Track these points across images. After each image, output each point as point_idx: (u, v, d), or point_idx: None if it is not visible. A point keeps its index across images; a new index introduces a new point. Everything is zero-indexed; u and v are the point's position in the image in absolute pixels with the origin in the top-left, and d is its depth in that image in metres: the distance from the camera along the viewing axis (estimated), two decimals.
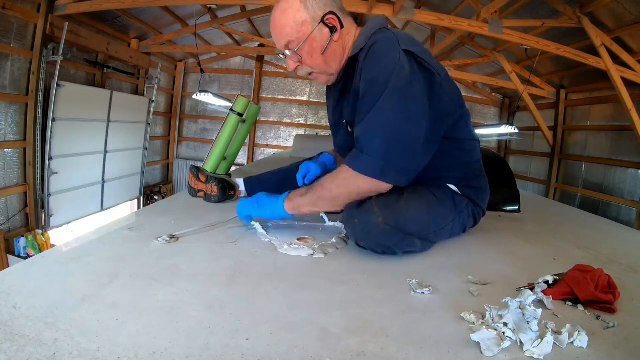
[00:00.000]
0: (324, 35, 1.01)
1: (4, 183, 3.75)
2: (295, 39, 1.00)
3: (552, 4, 3.45)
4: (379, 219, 0.90)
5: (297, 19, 0.98)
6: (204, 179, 1.45)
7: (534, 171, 6.10)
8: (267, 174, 1.50)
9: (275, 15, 1.01)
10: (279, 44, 1.03)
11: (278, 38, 1.02)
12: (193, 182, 1.49)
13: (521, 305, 0.61)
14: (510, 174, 1.92)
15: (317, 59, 1.03)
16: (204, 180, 1.45)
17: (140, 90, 5.90)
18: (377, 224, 0.90)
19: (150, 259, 0.82)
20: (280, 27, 1.00)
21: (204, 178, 1.46)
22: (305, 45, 1.00)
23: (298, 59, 1.04)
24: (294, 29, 0.99)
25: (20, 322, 0.54)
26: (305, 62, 1.04)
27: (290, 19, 0.98)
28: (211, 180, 1.43)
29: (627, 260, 1.09)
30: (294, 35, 1.00)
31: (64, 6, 3.81)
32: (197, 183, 1.47)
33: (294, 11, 0.98)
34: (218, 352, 0.51)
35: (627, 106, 3.66)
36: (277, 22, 1.00)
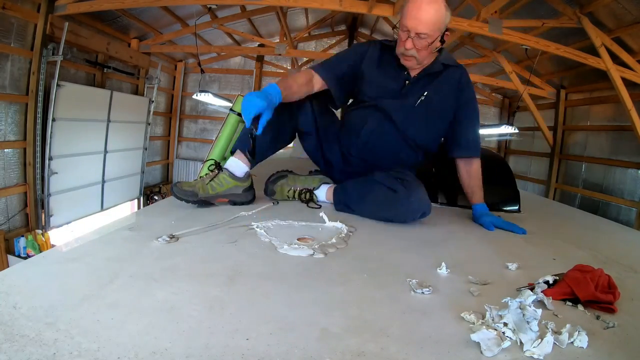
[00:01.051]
0: (438, 42, 1.35)
1: (4, 183, 3.75)
2: (431, 34, 1.29)
3: (552, 4, 3.45)
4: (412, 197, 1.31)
5: (440, 22, 1.29)
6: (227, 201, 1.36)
7: (534, 171, 6.10)
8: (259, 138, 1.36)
9: (430, 9, 1.26)
10: (417, 28, 1.28)
11: (420, 24, 1.27)
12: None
13: (521, 305, 0.61)
14: (510, 174, 1.92)
15: (428, 52, 1.36)
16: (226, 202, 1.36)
17: (140, 90, 5.90)
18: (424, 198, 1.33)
19: (150, 259, 0.82)
20: (430, 20, 1.27)
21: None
22: (430, 40, 1.31)
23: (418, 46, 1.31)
24: (436, 27, 1.29)
25: (20, 322, 0.54)
26: (421, 49, 1.33)
27: (438, 20, 1.28)
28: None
29: (627, 260, 1.09)
30: (432, 31, 1.29)
31: (64, 6, 3.81)
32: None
33: (441, 16, 1.29)
34: (218, 352, 0.51)
35: (627, 106, 3.66)
36: (431, 15, 1.27)
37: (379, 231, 1.21)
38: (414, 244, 1.11)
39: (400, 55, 1.39)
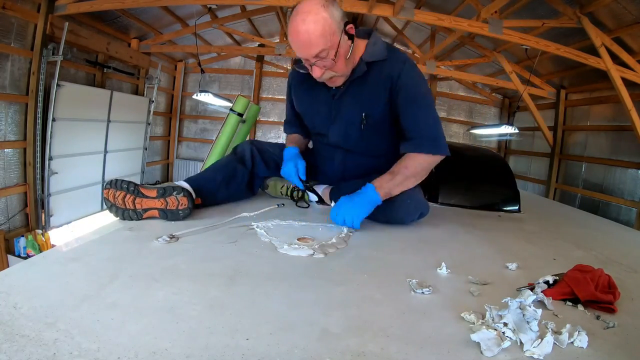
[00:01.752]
0: (347, 43, 1.15)
1: (4, 183, 3.74)
2: (328, 47, 1.10)
3: (552, 4, 3.45)
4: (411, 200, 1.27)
5: (329, 29, 1.08)
6: (155, 193, 1.11)
7: (534, 171, 6.10)
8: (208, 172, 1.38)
9: (307, 27, 1.07)
10: (308, 53, 1.11)
11: (309, 48, 1.10)
12: (130, 202, 1.11)
13: (521, 305, 0.61)
14: (510, 174, 1.92)
15: (342, 64, 1.17)
16: (154, 195, 1.11)
17: (140, 90, 5.89)
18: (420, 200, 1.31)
19: (150, 259, 0.82)
20: (314, 38, 1.07)
21: (155, 192, 1.12)
22: (333, 52, 1.12)
23: (326, 66, 1.15)
24: (327, 38, 1.09)
25: (20, 322, 0.54)
26: (332, 67, 1.16)
27: (325, 30, 1.08)
28: (172, 192, 1.11)
29: (627, 260, 1.09)
30: (327, 44, 1.09)
31: (64, 6, 3.81)
32: (141, 201, 1.11)
33: (325, 22, 1.07)
34: (218, 352, 0.51)
35: (627, 106, 3.66)
36: (311, 32, 1.07)
37: (379, 231, 1.21)
38: (414, 244, 1.11)
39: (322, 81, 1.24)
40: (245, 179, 1.43)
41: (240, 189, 1.44)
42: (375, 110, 1.28)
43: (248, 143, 1.50)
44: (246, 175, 1.43)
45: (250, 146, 1.48)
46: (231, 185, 1.39)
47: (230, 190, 1.39)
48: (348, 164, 1.43)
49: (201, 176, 1.36)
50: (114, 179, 1.12)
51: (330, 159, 1.46)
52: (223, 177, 1.36)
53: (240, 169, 1.42)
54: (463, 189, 1.80)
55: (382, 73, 1.24)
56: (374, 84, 1.25)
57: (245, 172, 1.43)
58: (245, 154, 1.46)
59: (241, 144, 1.51)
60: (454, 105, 7.10)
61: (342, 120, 1.34)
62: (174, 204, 1.11)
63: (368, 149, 1.38)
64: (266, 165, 1.49)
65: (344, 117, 1.33)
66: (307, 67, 1.19)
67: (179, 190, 1.12)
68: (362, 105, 1.29)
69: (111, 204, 1.11)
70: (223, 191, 1.37)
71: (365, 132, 1.32)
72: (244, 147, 1.48)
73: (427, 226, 1.32)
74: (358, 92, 1.28)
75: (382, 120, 1.30)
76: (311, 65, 1.15)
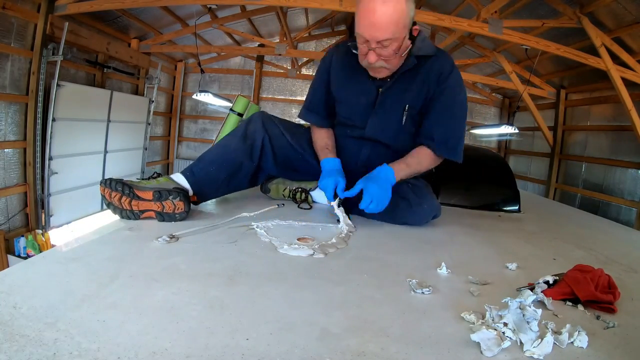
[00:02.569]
0: (408, 42, 1.17)
1: (4, 183, 3.74)
2: (396, 38, 1.10)
3: (552, 4, 3.45)
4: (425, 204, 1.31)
5: (403, 20, 1.08)
6: (151, 196, 1.09)
7: (534, 171, 6.10)
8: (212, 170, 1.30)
9: (386, 10, 1.05)
10: (377, 36, 1.08)
11: (379, 30, 1.07)
12: (126, 203, 1.10)
13: (521, 305, 0.61)
14: (510, 174, 1.92)
15: (396, 58, 1.17)
16: (150, 198, 1.09)
17: (140, 90, 5.89)
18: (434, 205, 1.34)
19: (150, 259, 0.82)
20: (388, 23, 1.06)
21: (150, 194, 1.09)
22: (397, 45, 1.12)
23: (384, 55, 1.13)
24: (399, 29, 1.09)
25: (20, 322, 0.54)
26: (388, 58, 1.15)
27: (401, 19, 1.07)
28: (168, 197, 1.09)
29: (627, 260, 1.09)
30: (397, 34, 1.09)
31: (64, 6, 3.81)
32: (137, 203, 1.10)
33: (402, 13, 1.07)
34: (218, 352, 0.51)
35: (627, 106, 3.66)
36: (388, 16, 1.05)
37: (379, 231, 1.21)
38: (414, 244, 1.11)
39: (367, 68, 1.23)
40: (249, 173, 1.37)
41: (242, 183, 1.38)
42: (418, 101, 1.29)
43: (261, 127, 1.37)
44: (251, 170, 1.36)
45: (263, 134, 1.37)
46: (232, 182, 1.34)
47: (231, 187, 1.36)
48: (373, 158, 1.36)
49: (204, 172, 1.27)
50: (108, 179, 1.11)
51: (355, 152, 1.40)
52: (226, 176, 1.31)
53: (246, 164, 1.34)
54: (463, 189, 1.80)
55: (432, 68, 1.25)
56: (422, 77, 1.26)
57: (250, 167, 1.35)
58: (255, 142, 1.35)
59: (254, 123, 1.38)
60: None
61: (385, 113, 1.32)
62: (170, 207, 1.11)
63: (401, 144, 1.36)
64: (275, 160, 1.40)
65: (387, 110, 1.31)
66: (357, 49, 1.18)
67: (175, 195, 1.10)
68: (407, 97, 1.28)
69: (108, 202, 1.11)
70: (223, 189, 1.35)
71: (404, 126, 1.32)
72: (256, 129, 1.37)
73: (427, 226, 1.32)
74: (405, 85, 1.27)
75: (419, 113, 1.32)
76: (369, 49, 1.13)
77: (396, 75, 1.26)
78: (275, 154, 1.40)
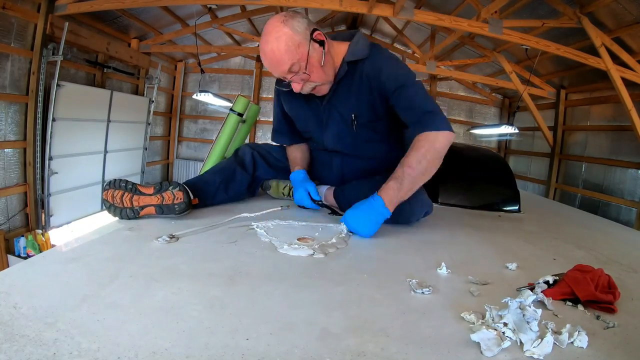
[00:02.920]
0: (318, 50, 1.15)
1: (4, 183, 3.74)
2: (297, 61, 1.10)
3: (552, 4, 3.45)
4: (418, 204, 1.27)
5: (293, 42, 1.09)
6: (152, 190, 1.13)
7: (534, 171, 6.10)
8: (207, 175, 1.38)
9: (271, 46, 1.09)
10: (281, 70, 1.12)
11: (278, 65, 1.11)
12: (128, 200, 1.12)
13: (521, 306, 0.61)
14: (510, 174, 1.92)
15: (318, 72, 1.16)
16: (151, 192, 1.12)
17: (140, 90, 5.89)
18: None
19: (150, 259, 0.82)
20: (280, 55, 1.09)
21: (152, 189, 1.13)
22: (307, 63, 1.12)
23: (302, 79, 1.15)
24: (294, 52, 1.09)
25: (20, 322, 0.54)
26: (309, 78, 1.16)
27: (289, 45, 1.08)
28: (167, 187, 1.13)
29: (627, 260, 1.09)
30: (295, 58, 1.10)
31: (64, 6, 3.81)
32: (138, 199, 1.12)
33: (287, 37, 1.08)
34: (218, 352, 0.51)
35: (627, 106, 3.66)
36: (275, 50, 1.09)
37: (379, 231, 1.21)
38: (414, 244, 1.11)
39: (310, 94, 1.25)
40: (245, 182, 1.44)
41: (240, 192, 1.44)
42: (363, 108, 1.27)
43: (248, 147, 1.49)
44: (246, 179, 1.44)
45: (251, 150, 1.48)
46: (230, 189, 1.39)
47: (230, 193, 1.40)
48: (345, 168, 1.42)
49: (200, 179, 1.36)
50: (112, 179, 1.14)
51: (327, 164, 1.46)
52: (222, 180, 1.36)
53: (239, 171, 1.42)
54: (463, 189, 1.80)
55: (364, 70, 1.22)
56: (358, 82, 1.24)
57: (245, 176, 1.43)
58: (245, 157, 1.46)
59: (242, 148, 1.51)
60: (454, 105, 7.10)
61: (334, 124, 1.33)
62: (170, 198, 1.12)
63: (363, 151, 1.37)
64: (269, 166, 1.49)
65: (335, 121, 1.32)
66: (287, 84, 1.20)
67: (175, 185, 1.13)
68: (350, 105, 1.28)
69: (109, 204, 1.12)
70: (222, 194, 1.37)
71: (358, 133, 1.31)
72: (244, 150, 1.49)
73: (427, 226, 1.32)
74: (344, 93, 1.27)
75: (372, 119, 1.29)
76: (289, 81, 1.16)
77: (333, 87, 1.25)
78: (268, 162, 1.49)
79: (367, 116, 1.28)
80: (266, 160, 1.49)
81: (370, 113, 1.28)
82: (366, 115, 1.28)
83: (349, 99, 1.27)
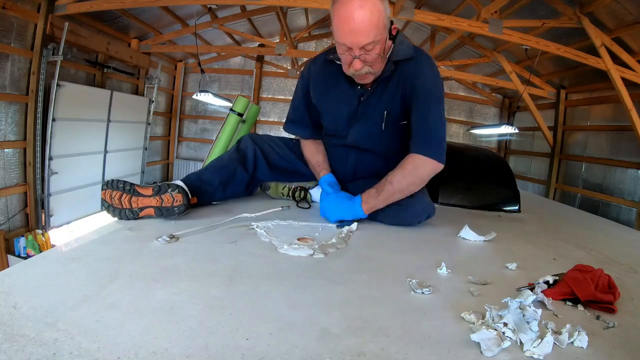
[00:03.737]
0: (389, 43, 1.16)
1: (4, 183, 3.74)
2: (378, 40, 1.08)
3: (552, 4, 3.45)
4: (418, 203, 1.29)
5: (381, 21, 1.06)
6: (151, 192, 1.12)
7: (534, 171, 6.10)
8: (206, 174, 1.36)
9: (364, 14, 1.03)
10: (359, 41, 1.06)
11: (361, 36, 1.05)
12: (126, 201, 1.11)
13: (521, 306, 0.61)
14: (510, 174, 1.92)
15: (380, 61, 1.16)
16: (150, 194, 1.12)
17: (140, 90, 5.89)
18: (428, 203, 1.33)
19: (150, 259, 0.82)
20: (368, 26, 1.04)
21: (150, 190, 1.12)
22: (379, 47, 1.10)
23: (368, 60, 1.11)
24: (380, 31, 1.07)
25: (20, 322, 0.54)
26: (373, 62, 1.13)
27: (379, 21, 1.06)
28: (166, 190, 1.11)
29: (627, 260, 1.09)
30: (378, 36, 1.07)
31: (64, 6, 3.81)
32: (137, 200, 1.11)
33: (380, 14, 1.06)
34: (218, 352, 0.51)
35: (627, 106, 3.66)
36: (367, 20, 1.04)
37: (379, 231, 1.21)
38: (414, 244, 1.11)
39: (353, 76, 1.21)
40: (245, 181, 1.43)
41: (238, 190, 1.44)
42: (396, 106, 1.27)
43: (251, 142, 1.46)
44: (245, 178, 1.42)
45: (254, 146, 1.44)
46: (229, 188, 1.38)
47: (227, 193, 1.39)
48: (360, 164, 1.42)
49: (199, 178, 1.33)
50: (110, 180, 1.13)
51: (342, 160, 1.43)
52: (221, 180, 1.35)
53: (240, 171, 1.40)
54: (463, 189, 1.80)
55: (405, 71, 1.23)
56: (396, 81, 1.24)
57: (245, 175, 1.42)
58: (247, 154, 1.43)
59: (245, 140, 1.47)
60: (454, 105, 7.10)
61: (366, 120, 1.32)
62: (169, 201, 1.11)
63: (384, 148, 1.37)
64: (269, 167, 1.46)
65: (369, 118, 1.31)
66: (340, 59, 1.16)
67: (174, 187, 1.12)
68: (385, 103, 1.28)
69: (108, 204, 1.12)
70: (220, 193, 1.37)
71: (385, 132, 1.31)
72: (246, 144, 1.45)
73: (427, 226, 1.32)
74: (383, 91, 1.27)
75: (399, 119, 1.30)
76: (353, 57, 1.10)
77: (375, 83, 1.25)
78: (268, 162, 1.46)
79: (397, 115, 1.29)
80: (267, 160, 1.46)
81: (401, 112, 1.28)
82: (397, 113, 1.29)
83: (386, 96, 1.27)
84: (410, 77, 1.22)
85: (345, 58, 1.13)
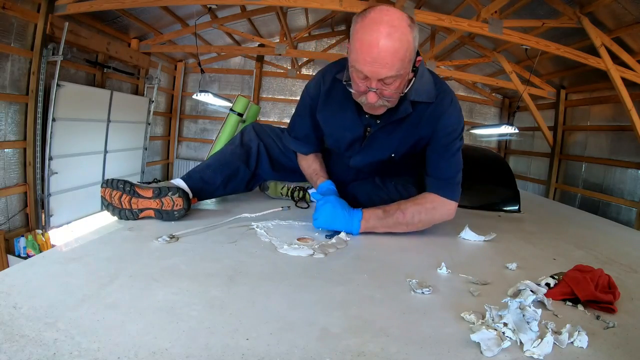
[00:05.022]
0: (410, 75, 1.04)
1: (4, 183, 3.74)
2: (400, 75, 0.95)
3: (552, 4, 3.45)
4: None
5: (409, 55, 0.94)
6: (151, 194, 1.10)
7: (534, 171, 6.10)
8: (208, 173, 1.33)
9: (392, 45, 0.90)
10: (380, 74, 0.94)
11: (384, 67, 0.92)
12: (126, 202, 1.10)
13: (521, 306, 0.61)
14: (510, 174, 1.92)
15: (397, 95, 1.02)
16: (150, 195, 1.09)
17: (140, 90, 5.89)
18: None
19: (150, 259, 0.82)
20: (393, 60, 0.91)
21: (151, 192, 1.10)
22: (400, 82, 0.98)
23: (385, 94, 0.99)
24: (405, 64, 0.94)
25: (20, 322, 0.54)
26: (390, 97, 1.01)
27: (406, 54, 0.93)
28: (167, 192, 1.10)
29: (627, 260, 1.09)
30: (401, 71, 0.95)
31: (64, 6, 3.81)
32: (137, 201, 1.10)
33: (409, 46, 0.93)
34: (218, 352, 0.51)
35: (627, 106, 3.66)
36: (392, 52, 0.91)
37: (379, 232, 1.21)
38: (414, 244, 1.11)
39: (362, 104, 1.07)
40: (246, 179, 1.41)
41: (239, 187, 1.42)
42: (405, 147, 1.20)
43: (255, 136, 1.41)
44: (247, 176, 1.40)
45: (258, 141, 1.40)
46: (230, 185, 1.37)
47: (228, 190, 1.38)
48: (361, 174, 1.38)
49: (202, 178, 1.30)
50: (110, 179, 1.12)
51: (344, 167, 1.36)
52: (223, 179, 1.33)
53: (242, 169, 1.37)
54: (463, 189, 1.79)
55: (424, 115, 1.12)
56: (413, 124, 1.14)
57: (247, 173, 1.39)
58: (251, 149, 1.39)
59: (248, 132, 1.42)
60: None
61: (372, 151, 1.24)
62: (169, 204, 1.10)
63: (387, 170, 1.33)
64: (271, 164, 1.43)
65: (375, 149, 1.23)
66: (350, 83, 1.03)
67: (174, 191, 1.10)
68: (394, 142, 1.20)
69: (108, 203, 1.11)
70: (221, 191, 1.36)
71: (390, 159, 1.25)
72: (250, 138, 1.41)
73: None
74: (393, 130, 1.17)
75: (410, 153, 1.23)
76: (369, 88, 0.97)
77: (385, 118, 1.13)
78: (271, 160, 1.43)
79: (407, 151, 1.22)
80: (270, 155, 1.42)
81: (411, 150, 1.21)
82: (407, 151, 1.22)
83: (397, 135, 1.18)
84: (432, 120, 1.13)
85: (359, 86, 1.00)
